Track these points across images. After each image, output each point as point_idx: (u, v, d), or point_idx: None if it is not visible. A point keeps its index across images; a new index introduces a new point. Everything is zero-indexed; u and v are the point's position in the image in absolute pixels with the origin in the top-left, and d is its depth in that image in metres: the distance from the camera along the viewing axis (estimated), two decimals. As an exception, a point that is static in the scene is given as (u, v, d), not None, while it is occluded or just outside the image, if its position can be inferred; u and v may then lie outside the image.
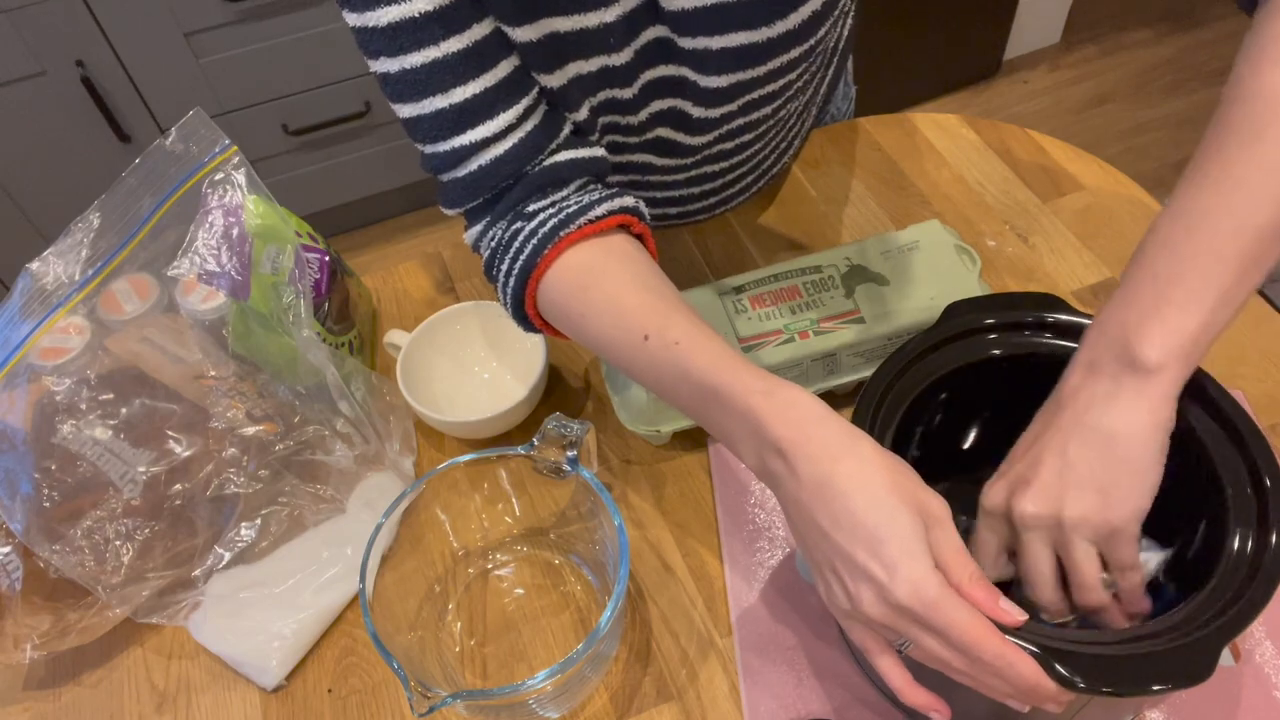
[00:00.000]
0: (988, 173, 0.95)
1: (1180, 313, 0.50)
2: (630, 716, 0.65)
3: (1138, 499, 0.51)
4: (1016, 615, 0.47)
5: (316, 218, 1.75)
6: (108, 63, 1.63)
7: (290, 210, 0.78)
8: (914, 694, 0.51)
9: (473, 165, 0.62)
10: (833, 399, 0.78)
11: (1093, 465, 0.51)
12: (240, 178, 0.73)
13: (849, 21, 0.87)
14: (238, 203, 0.72)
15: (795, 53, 0.65)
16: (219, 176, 0.73)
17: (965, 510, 0.61)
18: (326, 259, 0.81)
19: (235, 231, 0.72)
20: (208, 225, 0.72)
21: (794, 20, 0.62)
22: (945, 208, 0.92)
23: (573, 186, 0.65)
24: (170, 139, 0.72)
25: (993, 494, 0.55)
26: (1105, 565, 0.53)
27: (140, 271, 0.74)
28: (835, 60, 0.89)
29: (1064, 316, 0.61)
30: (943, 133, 0.99)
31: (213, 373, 0.72)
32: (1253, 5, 0.57)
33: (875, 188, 0.95)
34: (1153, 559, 0.56)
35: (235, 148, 0.73)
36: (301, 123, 1.83)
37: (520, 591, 0.72)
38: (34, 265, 0.70)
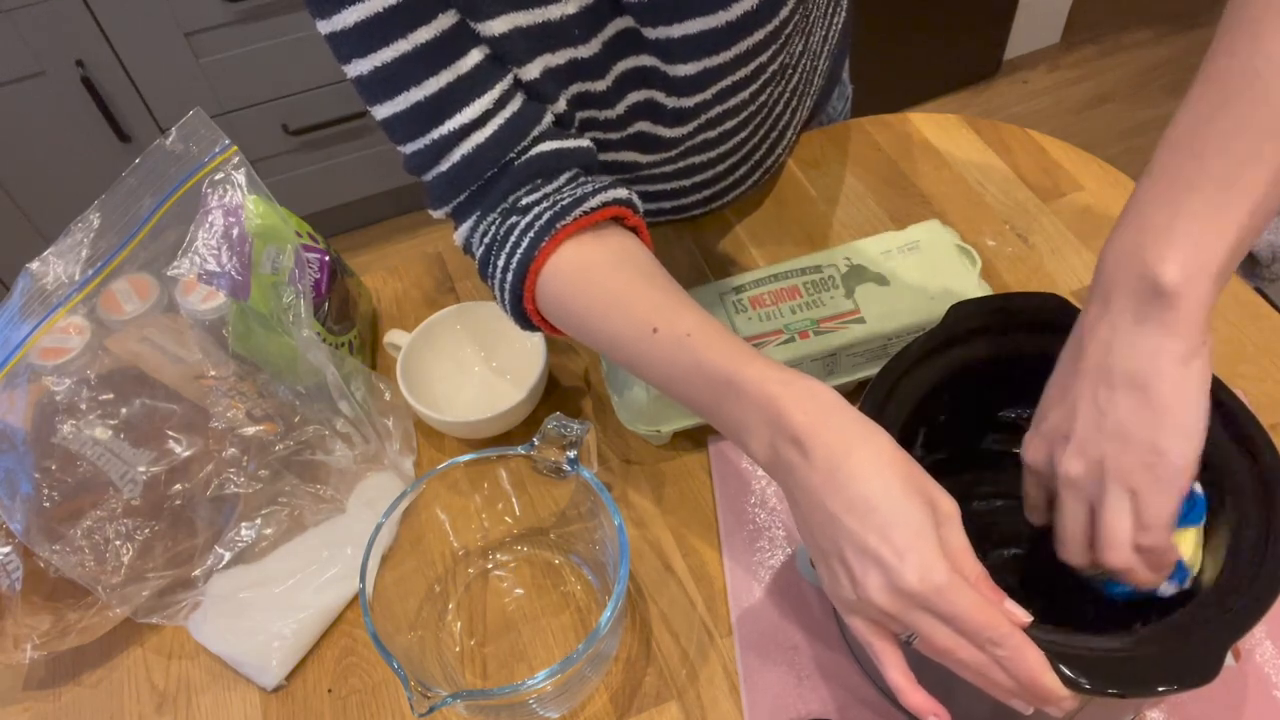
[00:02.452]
0: (988, 173, 0.95)
1: (1202, 224, 0.45)
2: (630, 716, 0.65)
3: (1181, 446, 0.47)
4: (1021, 616, 0.47)
5: (316, 218, 1.75)
6: (108, 63, 1.63)
7: (290, 210, 0.78)
8: (914, 695, 0.51)
9: (455, 157, 0.62)
10: (833, 399, 0.78)
11: (1128, 413, 0.47)
12: (240, 178, 0.73)
13: (842, 14, 0.87)
14: (238, 203, 0.72)
15: (760, 35, 0.65)
16: (219, 176, 0.73)
17: (968, 513, 0.61)
18: (326, 259, 0.81)
19: (235, 231, 0.72)
20: (208, 225, 0.72)
21: (749, 2, 0.62)
22: (945, 208, 0.92)
23: (563, 178, 0.65)
24: (170, 139, 0.72)
25: (1032, 450, 0.53)
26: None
27: (140, 271, 0.74)
28: (828, 52, 0.89)
29: (1064, 317, 0.61)
30: (943, 133, 0.99)
31: (213, 373, 0.72)
32: None
33: (875, 188, 0.95)
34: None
35: (235, 148, 0.73)
36: (301, 123, 1.83)
37: (520, 591, 0.72)
38: (34, 265, 0.70)
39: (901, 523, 0.48)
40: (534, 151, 0.64)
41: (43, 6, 1.53)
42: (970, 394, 0.62)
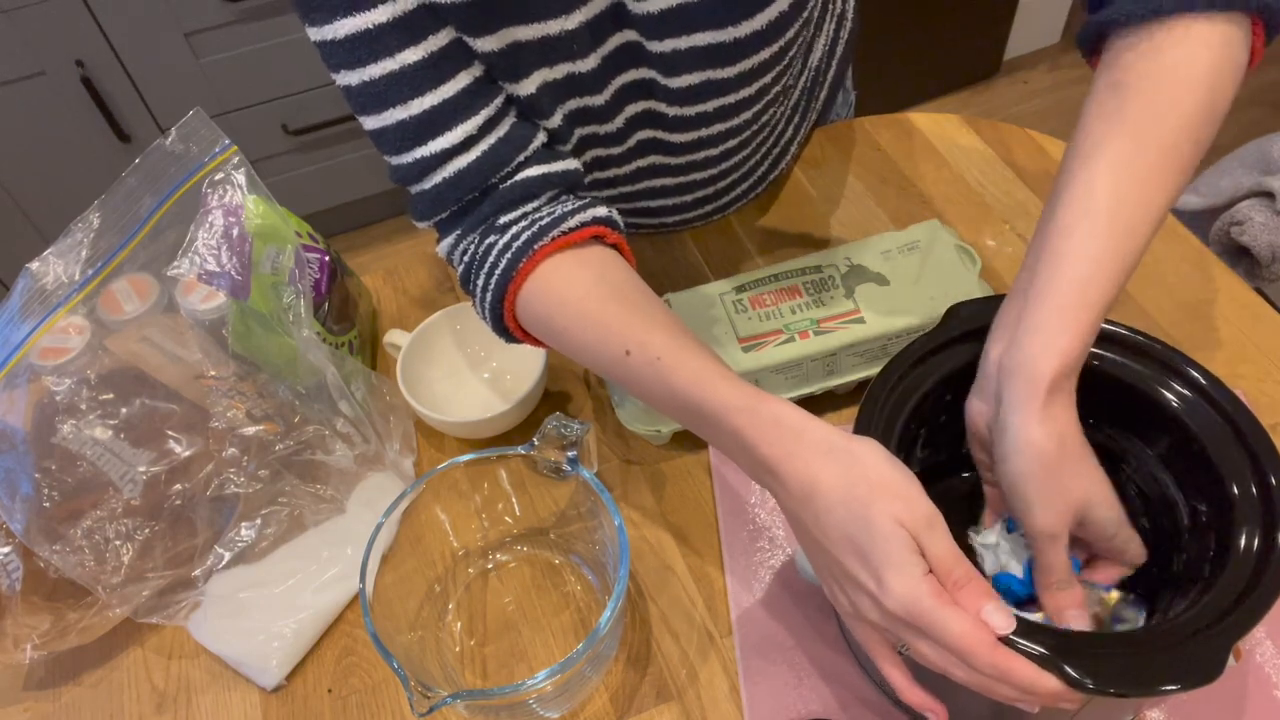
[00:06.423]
0: (988, 173, 0.95)
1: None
2: (630, 716, 0.65)
3: None
4: (1001, 626, 0.46)
5: (316, 218, 1.75)
6: (108, 63, 1.63)
7: (290, 210, 0.78)
8: (913, 693, 0.51)
9: (437, 178, 0.63)
10: (833, 399, 0.78)
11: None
12: (240, 178, 0.73)
13: (846, 26, 0.87)
14: (238, 203, 0.72)
15: (766, 54, 0.66)
16: (219, 176, 0.73)
17: (967, 513, 0.61)
18: (326, 259, 0.81)
19: (235, 231, 0.72)
20: (208, 225, 0.72)
21: (760, 21, 0.63)
22: (945, 208, 0.92)
23: (544, 198, 0.65)
24: (170, 139, 0.72)
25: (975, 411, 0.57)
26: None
27: (140, 271, 0.74)
28: (835, 66, 0.89)
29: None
30: (943, 133, 0.99)
31: (213, 373, 0.72)
32: (1090, 48, 0.57)
33: (875, 188, 0.95)
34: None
35: (235, 148, 0.73)
36: (301, 123, 1.83)
37: (520, 591, 0.71)
38: (34, 265, 0.70)
39: (872, 549, 0.47)
40: (518, 176, 0.64)
41: (43, 6, 1.53)
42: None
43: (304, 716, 0.68)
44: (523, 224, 0.63)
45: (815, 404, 0.78)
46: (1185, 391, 0.57)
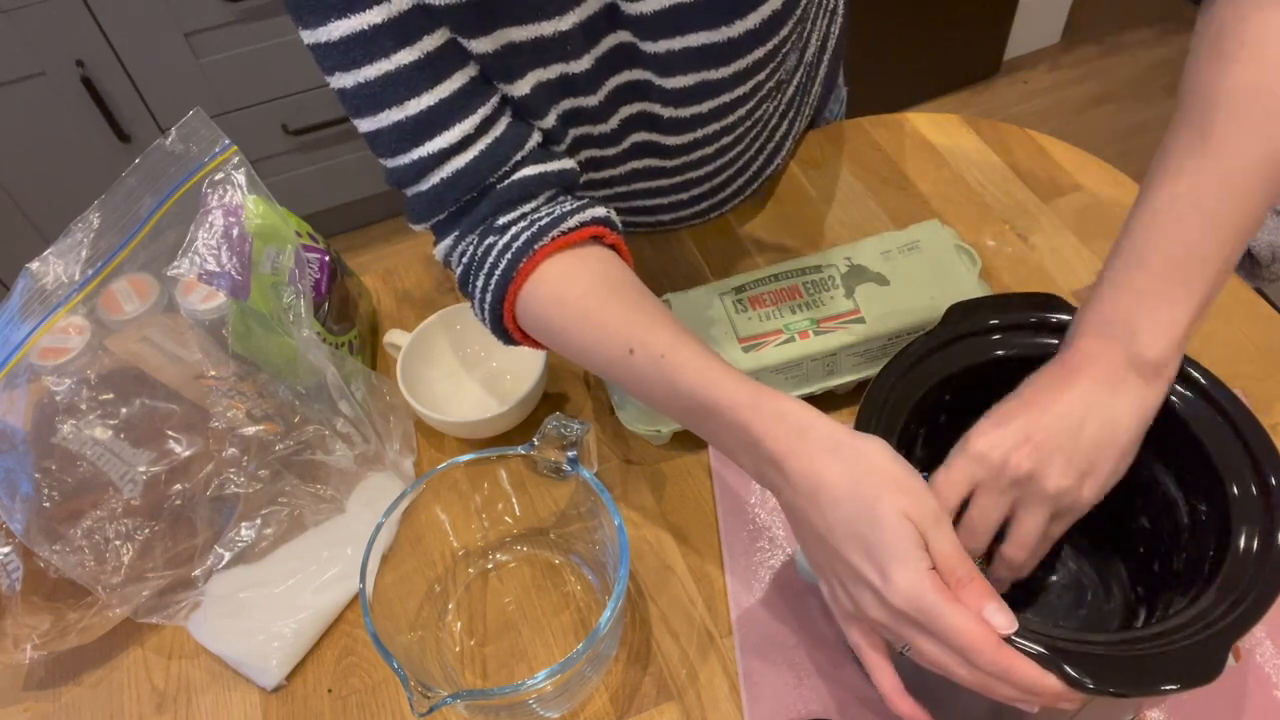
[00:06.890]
0: (988, 173, 0.95)
1: (1179, 307, 0.53)
2: (630, 716, 0.65)
3: (1111, 481, 0.55)
4: (1004, 626, 0.47)
5: (316, 218, 1.75)
6: (108, 63, 1.63)
7: (290, 210, 0.78)
8: (901, 702, 0.51)
9: (434, 179, 0.63)
10: (833, 399, 0.78)
11: (1093, 446, 0.53)
12: (240, 178, 0.73)
13: (838, 21, 0.87)
14: (238, 203, 0.72)
15: (760, 53, 0.66)
16: (219, 176, 0.73)
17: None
18: (326, 259, 0.81)
19: (235, 231, 0.72)
20: (208, 225, 0.72)
21: (753, 20, 0.63)
22: (945, 208, 0.92)
23: (541, 199, 0.65)
24: (170, 139, 0.72)
25: (989, 441, 0.55)
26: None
27: (140, 271, 0.74)
28: (826, 62, 0.89)
29: (1064, 316, 0.61)
30: (942, 133, 0.99)
31: (213, 373, 0.72)
32: None
33: (875, 188, 0.95)
34: None
35: (235, 148, 0.73)
36: (301, 123, 1.83)
37: (520, 591, 0.72)
38: (34, 265, 0.70)
39: (878, 542, 0.48)
40: (515, 176, 0.64)
41: (43, 6, 1.53)
42: (970, 394, 0.62)
43: (304, 716, 0.68)
44: (521, 224, 0.63)
45: (815, 404, 0.77)
46: (1185, 391, 0.57)
